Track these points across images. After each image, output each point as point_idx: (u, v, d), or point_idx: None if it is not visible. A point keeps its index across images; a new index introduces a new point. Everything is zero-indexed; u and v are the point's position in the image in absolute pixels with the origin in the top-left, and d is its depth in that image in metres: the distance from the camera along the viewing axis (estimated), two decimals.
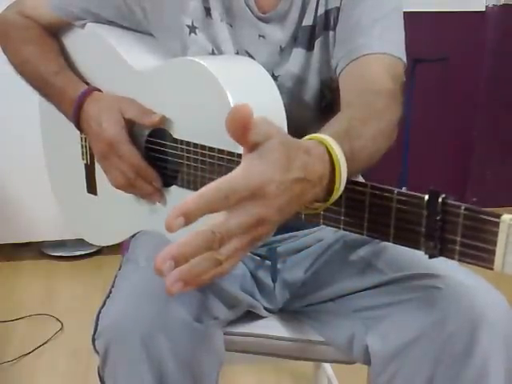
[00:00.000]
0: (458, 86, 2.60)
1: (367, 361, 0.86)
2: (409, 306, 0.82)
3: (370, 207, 0.61)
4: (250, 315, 0.98)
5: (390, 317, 0.84)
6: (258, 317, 0.99)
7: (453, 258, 0.56)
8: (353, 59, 0.86)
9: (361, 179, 1.05)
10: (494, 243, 0.53)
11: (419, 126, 2.48)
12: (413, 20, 2.30)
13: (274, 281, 0.97)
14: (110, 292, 0.86)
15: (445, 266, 0.81)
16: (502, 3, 2.54)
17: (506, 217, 0.52)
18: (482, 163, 2.72)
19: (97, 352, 0.80)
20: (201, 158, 0.82)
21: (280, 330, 0.98)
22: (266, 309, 0.99)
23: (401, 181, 2.48)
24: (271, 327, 0.98)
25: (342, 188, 0.61)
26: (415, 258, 0.84)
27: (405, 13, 0.94)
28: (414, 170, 2.48)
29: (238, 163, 0.75)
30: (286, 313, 1.01)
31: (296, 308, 1.00)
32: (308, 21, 0.91)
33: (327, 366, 1.38)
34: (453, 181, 2.74)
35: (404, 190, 0.59)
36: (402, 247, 0.60)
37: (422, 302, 0.80)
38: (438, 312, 0.78)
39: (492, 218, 0.53)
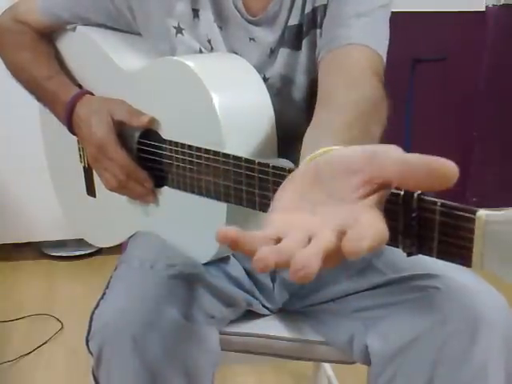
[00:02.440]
0: (458, 86, 2.60)
1: (367, 361, 0.86)
2: (408, 307, 0.82)
3: None
4: (250, 315, 0.98)
5: (389, 317, 0.84)
6: (258, 316, 0.99)
7: (431, 256, 0.55)
8: (332, 48, 0.85)
9: None
10: (471, 240, 0.51)
11: (419, 126, 2.48)
12: (413, 20, 2.32)
13: (273, 281, 0.97)
14: (104, 293, 0.86)
15: (444, 266, 0.81)
16: (501, 3, 2.54)
17: (481, 213, 0.50)
18: (482, 163, 2.72)
19: (91, 353, 0.81)
20: (188, 158, 0.82)
21: (280, 330, 0.98)
22: (265, 307, 0.99)
23: None
24: (271, 327, 0.98)
25: None
26: (415, 259, 0.83)
27: (405, 13, 0.93)
28: None
29: (224, 163, 0.75)
30: (286, 313, 1.01)
31: (296, 308, 1.00)
32: (294, 20, 0.90)
33: (327, 366, 1.38)
34: None
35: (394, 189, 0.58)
36: None
37: (422, 302, 0.80)
38: (438, 312, 0.78)
39: (467, 215, 0.50)
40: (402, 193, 0.55)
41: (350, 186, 0.48)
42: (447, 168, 0.44)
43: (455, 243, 0.53)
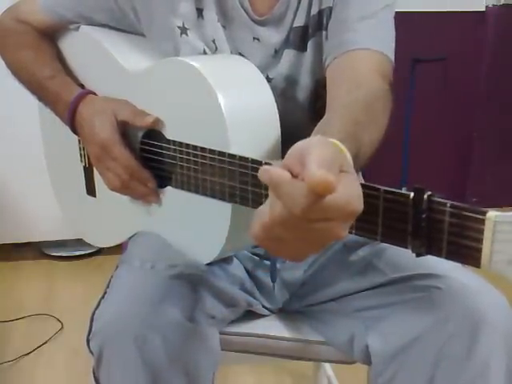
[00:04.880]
0: (458, 86, 2.60)
1: (367, 361, 0.86)
2: (409, 306, 0.82)
3: None
4: (250, 315, 0.98)
5: (390, 317, 0.84)
6: (258, 316, 0.99)
7: (440, 256, 0.56)
8: (339, 53, 0.85)
9: (361, 179, 1.05)
10: (480, 241, 0.51)
11: (419, 126, 2.48)
12: (413, 20, 2.33)
13: (273, 280, 0.97)
14: (105, 293, 0.86)
15: (445, 266, 0.81)
16: (501, 3, 2.54)
17: (491, 214, 0.51)
18: (482, 163, 2.72)
19: (91, 353, 0.81)
20: (193, 158, 0.82)
21: (280, 330, 0.98)
22: (265, 308, 0.99)
23: (401, 181, 2.48)
24: (271, 327, 0.98)
25: None
26: (416, 259, 0.84)
27: (405, 13, 0.93)
28: (414, 170, 2.48)
29: (230, 163, 0.75)
30: (286, 313, 1.01)
31: (296, 308, 1.00)
32: (299, 21, 0.90)
33: (327, 366, 1.38)
34: (453, 181, 2.74)
35: (404, 190, 0.58)
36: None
37: (423, 302, 0.80)
38: (439, 312, 0.78)
39: (477, 216, 0.51)
40: (412, 194, 0.55)
41: None
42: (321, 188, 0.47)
43: (464, 244, 0.53)
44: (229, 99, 0.80)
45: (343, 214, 0.50)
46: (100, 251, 2.29)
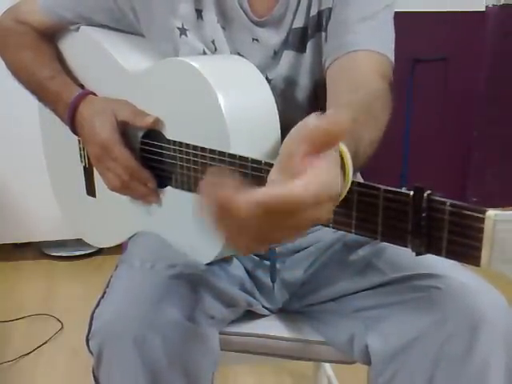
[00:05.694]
0: (458, 86, 2.60)
1: (367, 361, 0.86)
2: (409, 306, 0.82)
3: (357, 205, 0.61)
4: (250, 315, 0.98)
5: (390, 317, 0.84)
6: (258, 316, 0.99)
7: (440, 255, 0.56)
8: (340, 55, 0.85)
9: (360, 179, 1.05)
10: (480, 240, 0.52)
11: (419, 126, 2.48)
12: (413, 20, 2.33)
13: (273, 281, 0.97)
14: (105, 293, 0.86)
15: (445, 266, 0.81)
16: (501, 3, 2.54)
17: (491, 213, 0.51)
18: (482, 163, 2.72)
19: (91, 352, 0.81)
20: (193, 158, 0.82)
21: (280, 330, 0.98)
22: (265, 308, 0.99)
23: (401, 181, 2.48)
24: (271, 327, 0.98)
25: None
26: (416, 258, 0.84)
27: (405, 13, 0.93)
28: (414, 170, 2.48)
29: (229, 163, 0.75)
30: (286, 313, 1.01)
31: (296, 308, 1.00)
32: (299, 23, 0.90)
33: (327, 366, 1.38)
34: (453, 181, 2.74)
35: (404, 190, 0.58)
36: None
37: (423, 302, 0.81)
38: (438, 312, 0.78)
39: (477, 214, 0.52)
40: (412, 193, 0.55)
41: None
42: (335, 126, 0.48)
43: (464, 243, 0.53)
44: (229, 99, 0.80)
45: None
46: (100, 251, 2.30)
